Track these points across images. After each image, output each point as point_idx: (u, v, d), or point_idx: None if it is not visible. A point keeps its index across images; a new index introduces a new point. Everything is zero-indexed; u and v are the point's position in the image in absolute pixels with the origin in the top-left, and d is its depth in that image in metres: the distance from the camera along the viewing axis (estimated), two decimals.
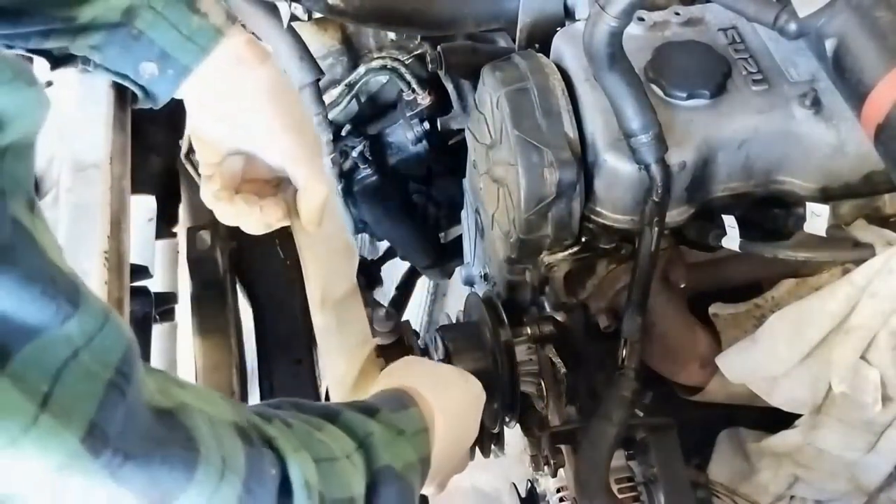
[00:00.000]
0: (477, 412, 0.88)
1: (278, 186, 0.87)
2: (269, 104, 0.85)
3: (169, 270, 1.71)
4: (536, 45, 1.07)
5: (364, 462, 0.69)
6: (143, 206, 1.63)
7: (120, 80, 0.81)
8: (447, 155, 1.55)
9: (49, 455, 0.45)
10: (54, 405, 0.45)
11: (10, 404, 0.43)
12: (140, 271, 1.43)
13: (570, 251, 1.01)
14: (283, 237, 1.09)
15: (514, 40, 1.13)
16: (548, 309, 1.11)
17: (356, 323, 0.93)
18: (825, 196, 0.93)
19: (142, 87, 0.81)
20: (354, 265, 0.95)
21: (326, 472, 0.64)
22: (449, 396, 0.83)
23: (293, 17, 1.28)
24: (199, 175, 1.00)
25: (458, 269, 1.50)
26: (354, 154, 1.54)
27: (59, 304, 0.46)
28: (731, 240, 0.91)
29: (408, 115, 1.52)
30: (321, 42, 1.47)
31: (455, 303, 2.09)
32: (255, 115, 0.84)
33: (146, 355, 1.47)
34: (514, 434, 1.03)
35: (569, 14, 1.08)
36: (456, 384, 0.87)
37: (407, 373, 0.86)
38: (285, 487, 0.60)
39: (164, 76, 0.81)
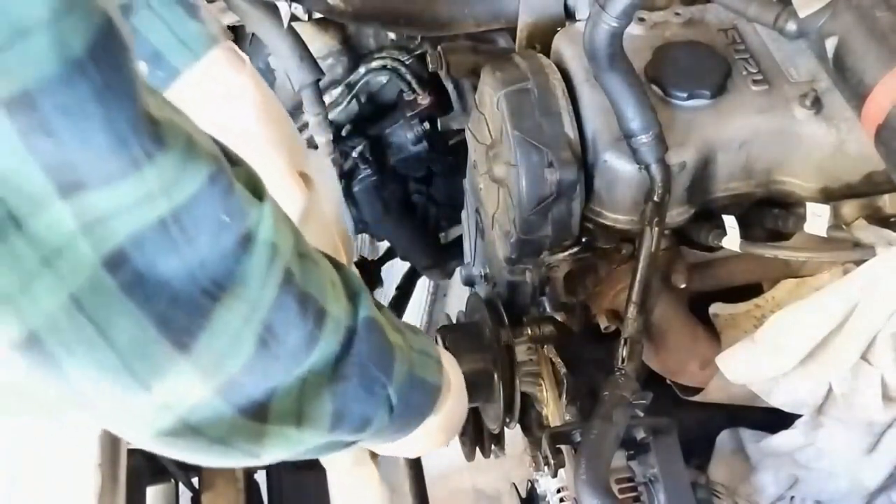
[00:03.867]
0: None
1: None
2: (249, 109, 0.88)
3: None
4: (537, 46, 1.07)
5: (349, 303, 0.63)
6: None
7: None
8: (447, 155, 1.55)
9: None
10: None
11: (54, 227, 0.43)
12: None
13: (571, 251, 1.01)
14: None
15: (514, 40, 1.13)
16: (548, 309, 1.11)
17: None
18: (825, 196, 0.93)
19: None
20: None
21: (306, 266, 0.58)
22: (458, 370, 0.85)
23: (293, 17, 1.28)
24: None
25: (458, 270, 1.50)
26: (355, 154, 1.54)
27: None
28: (732, 240, 0.91)
29: (408, 115, 1.53)
30: (321, 42, 1.47)
31: (455, 303, 2.10)
32: (236, 120, 0.85)
33: None
34: (514, 434, 1.03)
35: (569, 14, 1.08)
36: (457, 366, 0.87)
37: None
38: (247, 239, 0.53)
39: (153, 77, 0.81)
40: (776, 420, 1.01)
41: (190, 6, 0.85)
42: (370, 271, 1.77)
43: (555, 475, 0.92)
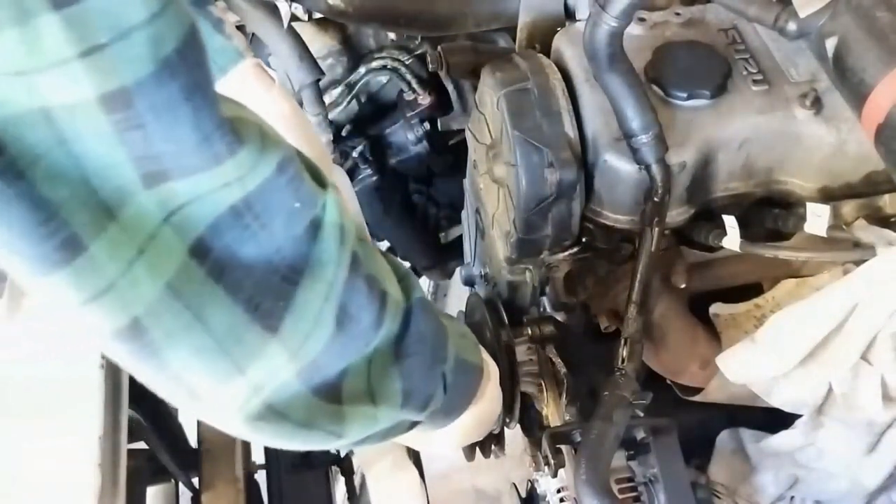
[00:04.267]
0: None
1: None
2: (279, 127, 0.87)
3: None
4: (537, 46, 1.07)
5: (401, 286, 0.66)
6: None
7: None
8: (447, 155, 1.55)
9: None
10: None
11: (142, 216, 0.45)
12: None
13: (571, 251, 1.01)
14: None
15: (514, 40, 1.13)
16: (548, 309, 1.11)
17: None
18: (826, 196, 0.93)
19: None
20: None
21: (367, 250, 0.61)
22: (492, 361, 0.87)
23: (293, 17, 1.28)
24: None
25: (458, 270, 1.50)
26: (355, 154, 1.54)
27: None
28: (732, 240, 0.91)
29: (408, 115, 1.52)
30: (321, 42, 1.47)
31: (455, 303, 2.09)
32: None
33: None
34: (514, 434, 1.03)
35: (569, 14, 1.08)
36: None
37: None
38: (316, 224, 0.55)
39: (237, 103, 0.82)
40: (776, 420, 1.01)
41: (216, 20, 0.86)
42: None
43: (555, 475, 0.92)
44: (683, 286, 1.04)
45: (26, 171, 0.41)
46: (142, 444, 1.18)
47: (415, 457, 1.16)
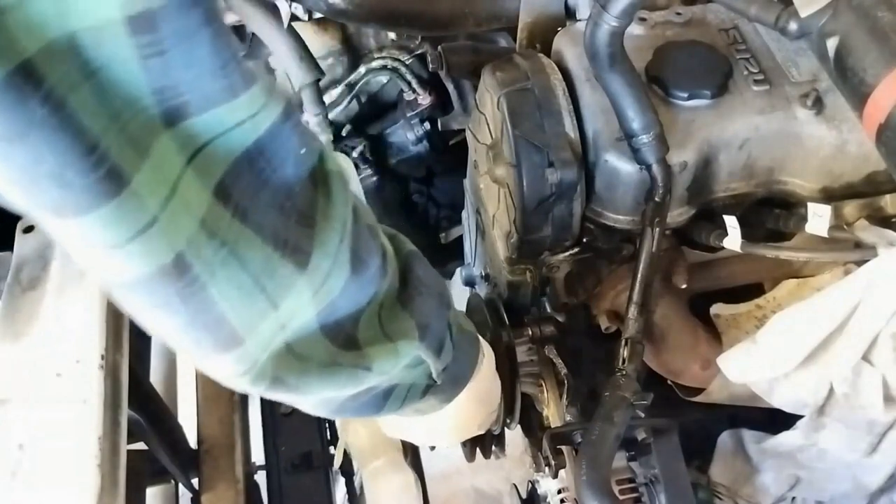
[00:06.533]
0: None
1: None
2: None
3: None
4: (537, 45, 1.07)
5: (391, 242, 0.69)
6: None
7: None
8: (447, 155, 1.55)
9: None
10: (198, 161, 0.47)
11: (167, 158, 0.45)
12: None
13: (571, 252, 1.01)
14: None
15: (514, 40, 1.13)
16: (549, 309, 1.10)
17: None
18: (827, 196, 0.93)
19: None
20: None
21: (359, 204, 0.63)
22: (489, 347, 0.88)
23: (293, 17, 1.28)
24: None
25: (458, 270, 1.50)
26: (355, 154, 1.54)
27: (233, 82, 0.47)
28: (733, 240, 0.91)
29: (408, 115, 1.52)
30: (322, 42, 1.47)
31: (456, 303, 2.09)
32: None
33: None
34: (514, 435, 1.03)
35: (570, 14, 1.08)
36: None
37: None
38: (319, 172, 0.57)
39: None
40: (777, 421, 1.01)
41: None
42: None
43: (555, 476, 0.92)
44: (684, 286, 1.04)
45: (66, 99, 0.41)
46: (142, 445, 1.18)
47: (414, 457, 1.16)
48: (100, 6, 0.40)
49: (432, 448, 1.01)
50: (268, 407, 1.31)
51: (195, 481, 1.25)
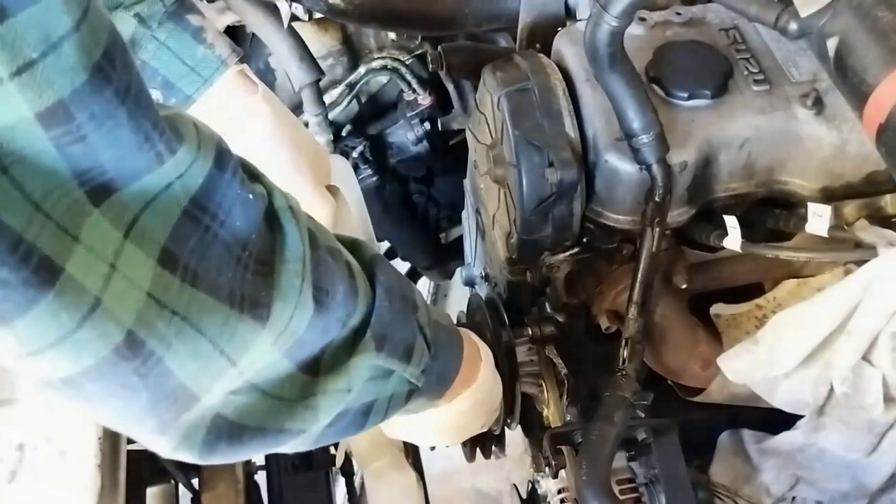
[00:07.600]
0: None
1: None
2: (267, 132, 0.90)
3: None
4: (537, 45, 1.07)
5: (353, 252, 0.67)
6: None
7: None
8: (448, 155, 1.55)
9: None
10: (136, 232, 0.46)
11: (102, 236, 0.44)
12: None
13: (571, 252, 1.01)
14: None
15: (514, 40, 1.13)
16: (549, 309, 1.10)
17: None
18: (827, 196, 0.93)
19: None
20: None
21: (317, 225, 0.61)
22: (487, 349, 0.88)
23: (293, 17, 1.28)
24: None
25: (458, 270, 1.50)
26: (355, 154, 1.54)
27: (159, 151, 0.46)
28: (733, 240, 0.91)
29: (408, 115, 1.52)
30: (322, 42, 1.47)
31: (456, 303, 2.09)
32: (254, 143, 0.87)
33: None
34: (515, 435, 1.03)
35: (570, 14, 1.08)
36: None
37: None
38: (269, 213, 0.55)
39: (167, 105, 0.82)
40: (777, 421, 1.01)
41: (196, 30, 0.86)
42: None
43: (555, 476, 0.92)
44: (684, 286, 1.04)
45: None
46: (141, 445, 1.18)
47: (414, 458, 1.16)
48: (7, 108, 0.39)
49: (432, 448, 1.01)
50: None
51: (195, 481, 1.25)
